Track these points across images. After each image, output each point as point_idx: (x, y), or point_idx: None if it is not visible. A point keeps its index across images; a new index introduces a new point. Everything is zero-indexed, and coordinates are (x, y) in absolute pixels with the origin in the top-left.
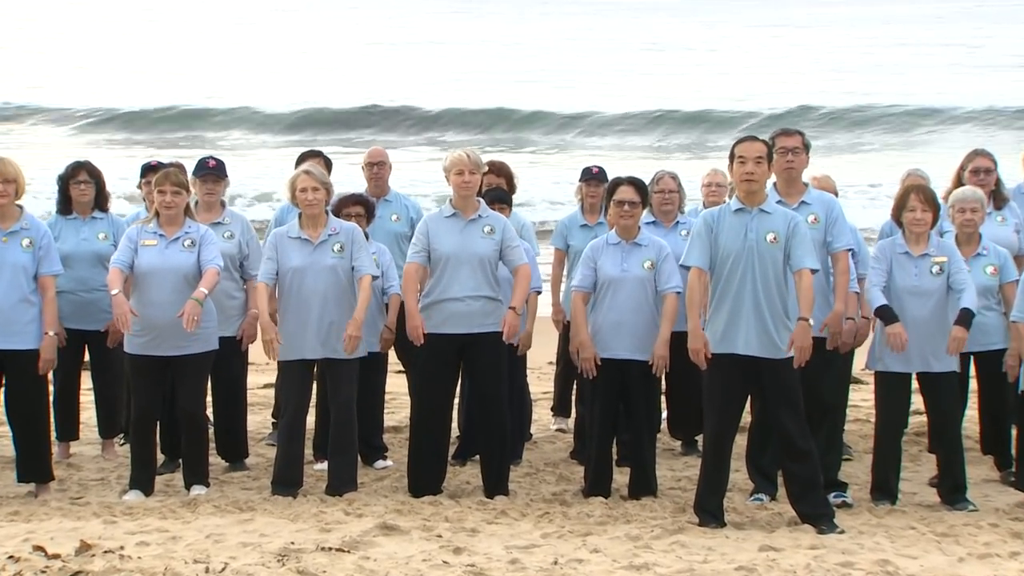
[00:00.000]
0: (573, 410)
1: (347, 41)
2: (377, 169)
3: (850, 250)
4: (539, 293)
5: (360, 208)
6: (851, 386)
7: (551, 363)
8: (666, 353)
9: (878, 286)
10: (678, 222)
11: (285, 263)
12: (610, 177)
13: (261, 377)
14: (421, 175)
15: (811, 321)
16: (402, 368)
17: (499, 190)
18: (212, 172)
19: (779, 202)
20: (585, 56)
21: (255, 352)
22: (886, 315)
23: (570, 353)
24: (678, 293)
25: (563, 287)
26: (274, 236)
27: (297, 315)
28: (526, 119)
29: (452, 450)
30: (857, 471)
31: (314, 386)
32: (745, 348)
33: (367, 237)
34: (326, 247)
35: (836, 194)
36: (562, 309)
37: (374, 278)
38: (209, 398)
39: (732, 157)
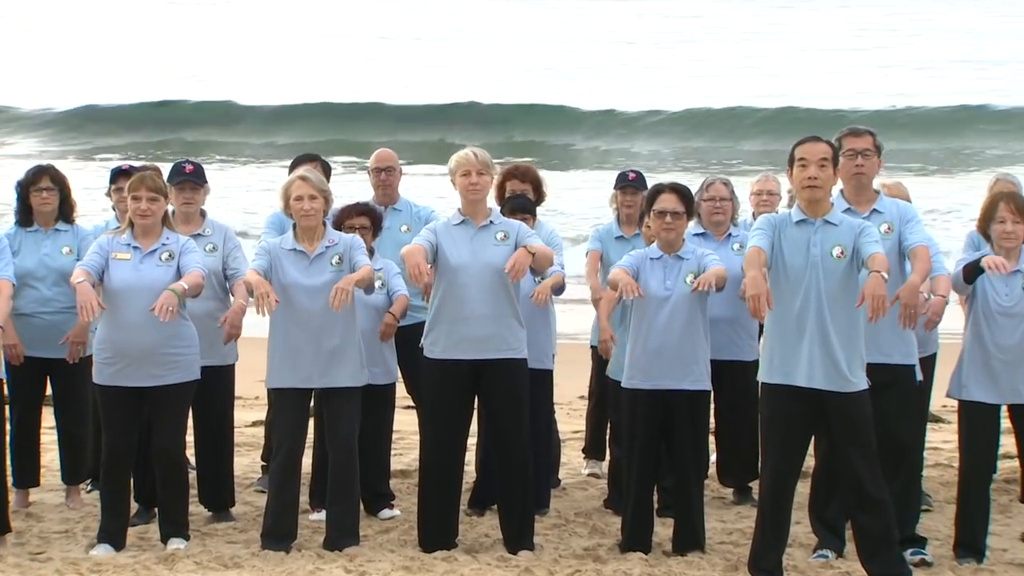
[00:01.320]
0: (608, 452)
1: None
2: (385, 175)
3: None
4: (563, 277)
5: (365, 219)
6: (930, 425)
7: (582, 397)
8: (710, 275)
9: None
10: (730, 234)
11: (278, 278)
12: (649, 183)
13: (250, 413)
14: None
15: (885, 276)
16: (412, 403)
17: (522, 198)
18: (190, 179)
19: (847, 211)
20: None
21: (244, 385)
22: (971, 266)
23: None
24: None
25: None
26: (267, 243)
27: (291, 338)
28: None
29: (467, 497)
30: (938, 524)
31: (310, 423)
32: (808, 380)
33: (372, 252)
34: (323, 260)
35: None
36: (598, 286)
37: (373, 287)
38: (190, 436)
39: (792, 160)
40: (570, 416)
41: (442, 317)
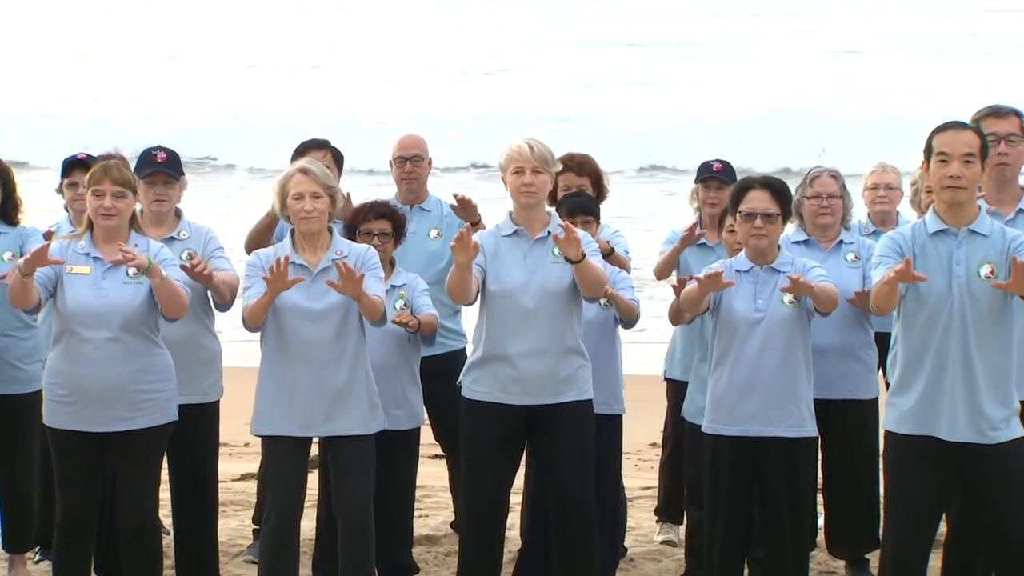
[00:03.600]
0: (685, 514)
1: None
2: (411, 166)
3: None
4: (636, 306)
5: (385, 223)
6: None
7: (654, 445)
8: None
9: None
10: (841, 241)
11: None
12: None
13: (238, 464)
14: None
15: None
16: (440, 451)
17: (582, 196)
18: (163, 170)
19: (990, 213)
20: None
21: (230, 429)
22: None
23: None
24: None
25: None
26: (257, 258)
27: (287, 373)
28: None
29: (510, 571)
30: None
31: (314, 476)
32: (950, 432)
33: (393, 264)
34: (329, 277)
35: None
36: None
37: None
38: (164, 493)
39: (928, 152)
40: (639, 469)
41: (489, 352)
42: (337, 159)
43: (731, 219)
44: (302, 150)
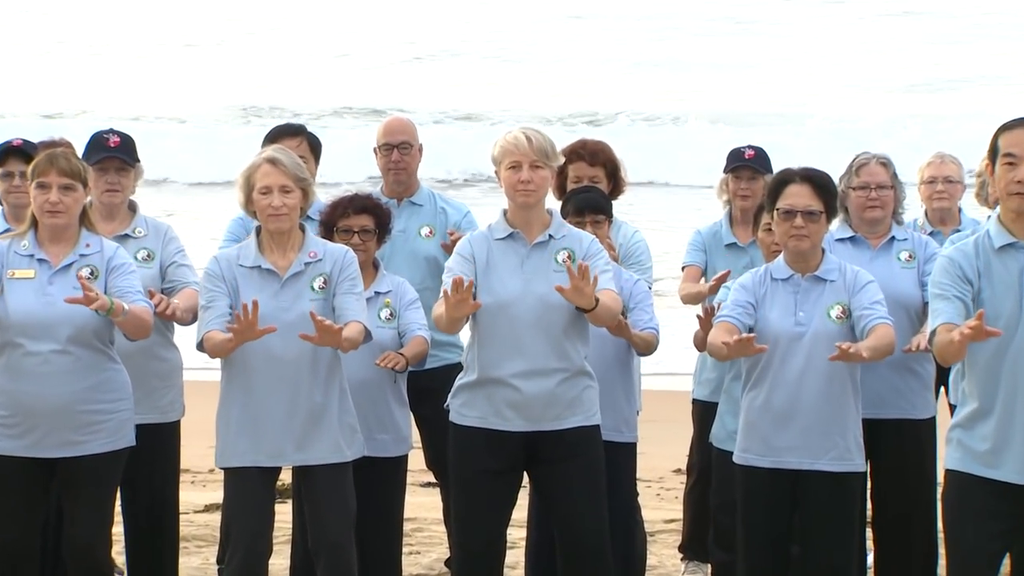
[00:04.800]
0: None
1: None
2: (399, 154)
3: None
4: (655, 336)
5: (367, 219)
6: None
7: (678, 472)
8: (864, 349)
9: None
10: (893, 238)
11: (237, 309)
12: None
13: (201, 494)
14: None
15: None
16: (433, 479)
17: (593, 192)
18: (115, 155)
19: None
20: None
21: (193, 452)
22: None
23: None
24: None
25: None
26: (217, 264)
27: (253, 395)
28: None
29: None
30: None
31: (284, 507)
32: (1020, 474)
33: (377, 266)
34: (301, 283)
35: None
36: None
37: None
38: (118, 526)
39: (994, 152)
40: (661, 499)
41: (481, 372)
42: (314, 147)
43: (767, 216)
44: (274, 136)
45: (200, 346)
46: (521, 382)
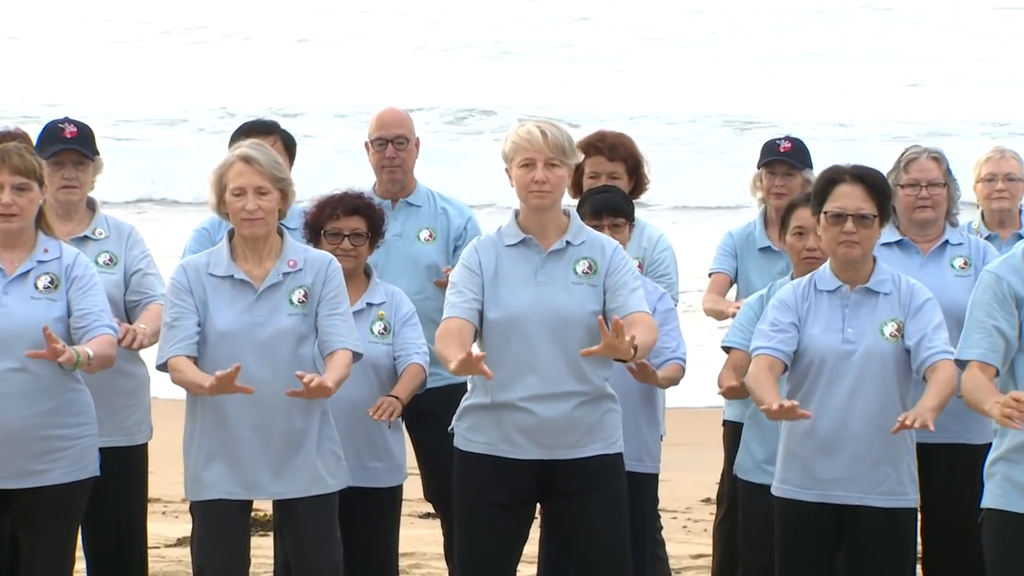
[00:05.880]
0: None
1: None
2: (394, 150)
3: None
4: (682, 367)
5: (359, 221)
6: None
7: (707, 501)
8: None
9: None
10: (946, 242)
11: (206, 325)
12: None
13: (173, 526)
14: None
15: None
16: (432, 510)
17: (612, 192)
18: (72, 147)
19: None
20: None
21: (163, 480)
22: None
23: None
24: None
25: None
26: (184, 275)
27: (226, 420)
28: None
29: None
30: None
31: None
32: None
33: (369, 274)
34: (278, 296)
35: None
36: (737, 368)
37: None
38: (80, 563)
39: None
40: (689, 532)
41: (488, 397)
42: (288, 146)
43: (795, 219)
44: (244, 132)
45: (162, 367)
46: (535, 405)
